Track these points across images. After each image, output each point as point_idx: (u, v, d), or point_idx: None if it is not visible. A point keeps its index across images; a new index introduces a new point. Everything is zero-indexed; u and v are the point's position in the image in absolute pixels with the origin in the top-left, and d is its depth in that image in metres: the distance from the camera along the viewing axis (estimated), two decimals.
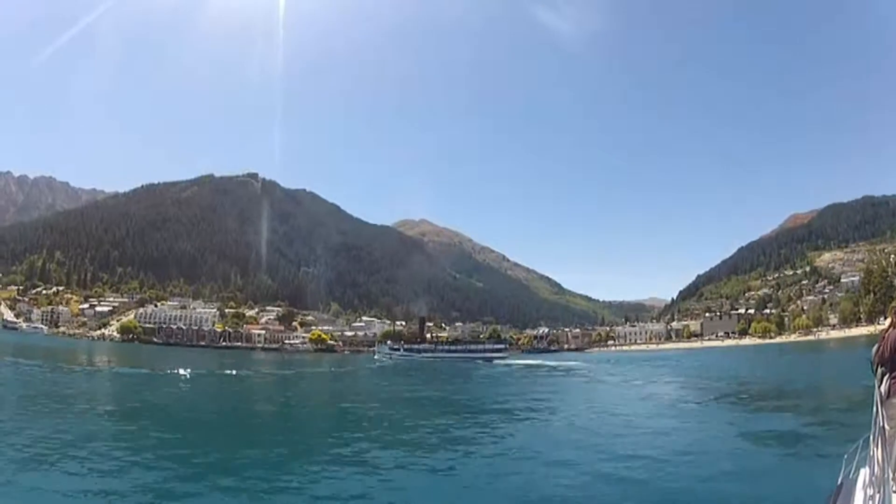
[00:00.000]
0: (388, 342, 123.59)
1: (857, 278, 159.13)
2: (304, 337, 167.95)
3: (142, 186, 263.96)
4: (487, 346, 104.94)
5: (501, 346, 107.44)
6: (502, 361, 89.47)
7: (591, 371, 64.06)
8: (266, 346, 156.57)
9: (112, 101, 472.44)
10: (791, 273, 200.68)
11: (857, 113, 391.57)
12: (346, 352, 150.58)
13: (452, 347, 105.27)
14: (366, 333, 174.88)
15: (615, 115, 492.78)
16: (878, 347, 5.40)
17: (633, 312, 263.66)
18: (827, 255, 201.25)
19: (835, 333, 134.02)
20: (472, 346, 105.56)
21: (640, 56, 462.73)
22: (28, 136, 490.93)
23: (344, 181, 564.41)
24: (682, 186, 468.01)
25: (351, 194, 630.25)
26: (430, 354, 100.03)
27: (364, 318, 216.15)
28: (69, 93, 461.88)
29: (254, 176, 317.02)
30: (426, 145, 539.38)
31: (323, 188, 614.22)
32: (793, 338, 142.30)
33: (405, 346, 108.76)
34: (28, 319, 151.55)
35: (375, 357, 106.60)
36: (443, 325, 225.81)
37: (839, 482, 5.26)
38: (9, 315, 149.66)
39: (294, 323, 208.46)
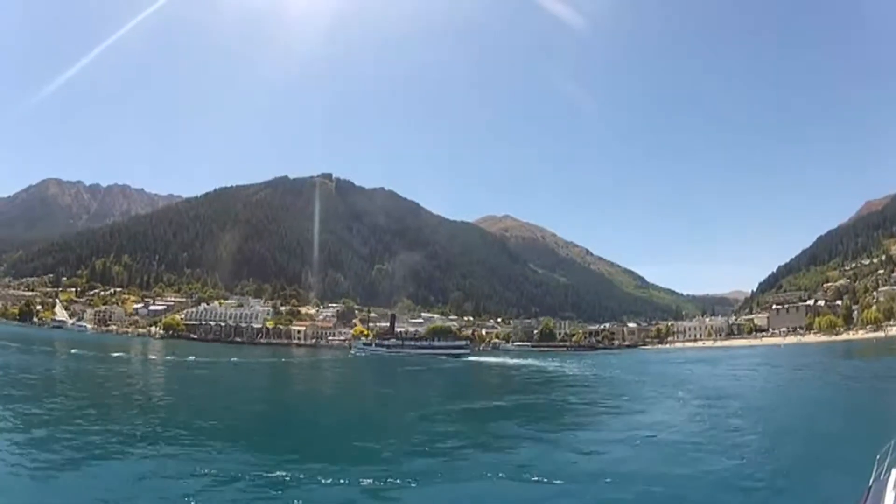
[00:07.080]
0: (362, 338, 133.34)
1: None
2: (347, 332, 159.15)
3: (214, 190, 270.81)
4: (450, 343, 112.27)
5: (462, 342, 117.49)
6: (465, 359, 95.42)
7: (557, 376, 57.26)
8: (302, 341, 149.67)
9: (187, 107, 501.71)
10: (868, 262, 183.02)
11: None
12: None
13: (418, 343, 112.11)
14: (416, 329, 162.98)
15: (693, 107, 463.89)
16: None
17: (715, 306, 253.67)
18: None
19: None
20: (436, 343, 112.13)
21: (705, 37, 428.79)
22: (107, 147, 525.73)
23: (424, 180, 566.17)
24: (762, 172, 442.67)
25: (433, 193, 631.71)
26: (396, 350, 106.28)
27: (423, 314, 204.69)
28: (147, 101, 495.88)
29: (328, 176, 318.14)
30: (512, 143, 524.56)
31: (403, 187, 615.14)
32: (860, 334, 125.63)
33: (376, 342, 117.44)
34: (80, 319, 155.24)
35: (351, 352, 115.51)
36: (510, 320, 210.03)
37: (870, 483, 4.98)
38: (62, 314, 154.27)
39: (354, 320, 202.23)
